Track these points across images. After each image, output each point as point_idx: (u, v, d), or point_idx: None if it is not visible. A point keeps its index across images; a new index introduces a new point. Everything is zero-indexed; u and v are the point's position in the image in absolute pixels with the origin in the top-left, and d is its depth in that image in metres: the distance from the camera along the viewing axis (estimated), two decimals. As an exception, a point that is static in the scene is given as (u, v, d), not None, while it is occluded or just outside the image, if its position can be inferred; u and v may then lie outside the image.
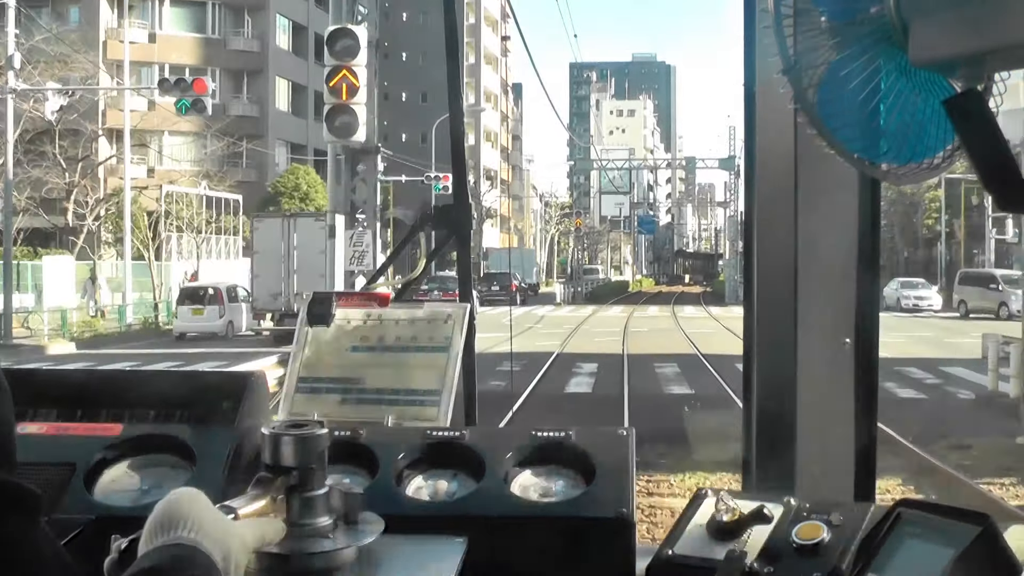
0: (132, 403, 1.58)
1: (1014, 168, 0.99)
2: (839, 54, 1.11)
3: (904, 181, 1.18)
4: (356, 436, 1.53)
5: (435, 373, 1.61)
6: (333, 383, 1.64)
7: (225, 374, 1.63)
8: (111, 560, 1.08)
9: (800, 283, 1.57)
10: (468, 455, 1.50)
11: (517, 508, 1.43)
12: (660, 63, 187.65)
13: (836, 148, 1.14)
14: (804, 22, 1.12)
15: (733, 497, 1.38)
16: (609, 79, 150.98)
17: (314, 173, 50.53)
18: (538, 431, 1.54)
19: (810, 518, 1.33)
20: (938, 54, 1.03)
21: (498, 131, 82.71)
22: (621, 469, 1.46)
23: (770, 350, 1.62)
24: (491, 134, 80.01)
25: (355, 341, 1.67)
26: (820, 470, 1.56)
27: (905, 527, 1.28)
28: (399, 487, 1.47)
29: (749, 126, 1.64)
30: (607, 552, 1.40)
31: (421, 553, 1.30)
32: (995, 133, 1.00)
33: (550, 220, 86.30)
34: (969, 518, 1.22)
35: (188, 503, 1.08)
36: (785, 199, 1.57)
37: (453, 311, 1.67)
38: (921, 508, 1.29)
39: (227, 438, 1.52)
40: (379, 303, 1.70)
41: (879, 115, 1.13)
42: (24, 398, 1.58)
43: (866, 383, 1.58)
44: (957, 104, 1.02)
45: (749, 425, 1.65)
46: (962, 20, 1.00)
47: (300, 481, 1.20)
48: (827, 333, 1.57)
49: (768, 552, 1.30)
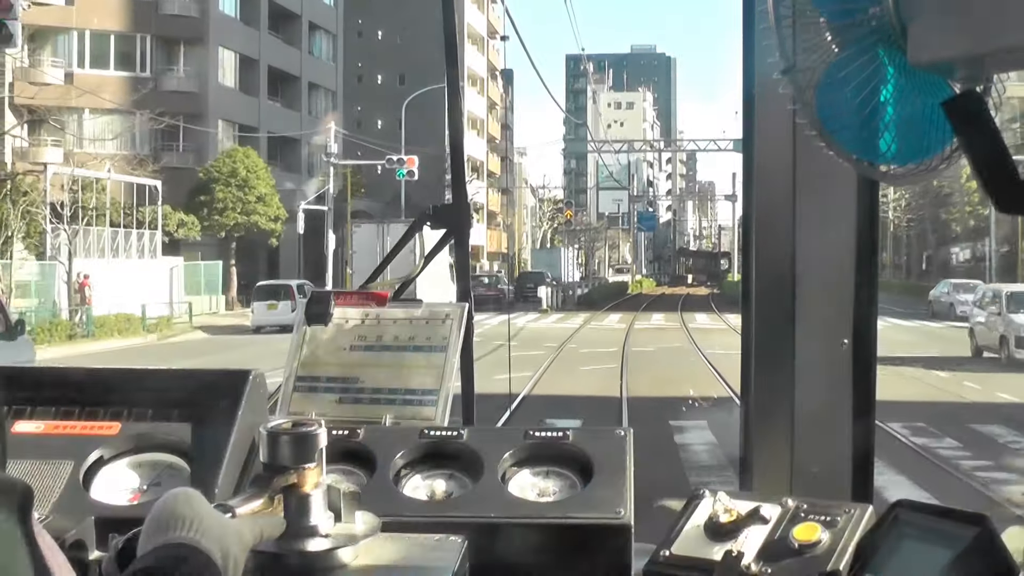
0: (130, 402, 1.57)
1: (1013, 170, 0.98)
2: (838, 55, 1.11)
3: (903, 182, 1.18)
4: (354, 435, 1.52)
5: (433, 373, 1.61)
6: (331, 382, 1.64)
7: (223, 372, 1.62)
8: (108, 559, 1.08)
9: (798, 284, 1.57)
10: (466, 455, 1.50)
11: (514, 508, 1.43)
12: (660, 55, 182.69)
13: (835, 149, 1.14)
14: (803, 23, 1.12)
15: (730, 498, 1.38)
16: (607, 70, 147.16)
17: (255, 156, 44.13)
18: (536, 431, 1.54)
19: (807, 519, 1.33)
20: (937, 55, 1.03)
21: (484, 118, 74.60)
22: (619, 469, 1.46)
23: (768, 350, 1.62)
24: (477, 121, 71.97)
25: (353, 340, 1.67)
26: (818, 471, 1.56)
27: (903, 528, 1.28)
28: (397, 487, 1.47)
29: (748, 127, 1.64)
30: (604, 552, 1.40)
31: (418, 553, 1.30)
32: (994, 134, 1.00)
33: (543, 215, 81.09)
34: (967, 519, 1.22)
35: (186, 502, 1.08)
36: (784, 199, 1.57)
37: (451, 311, 1.67)
38: (919, 509, 1.29)
39: (225, 437, 1.52)
40: (377, 303, 1.70)
41: (878, 116, 1.13)
42: (22, 396, 1.58)
43: (864, 384, 1.58)
44: (956, 105, 1.01)
45: (747, 425, 1.65)
46: (961, 21, 1.00)
47: (298, 480, 1.20)
48: (825, 334, 1.57)
49: (765, 553, 1.30)
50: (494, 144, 79.04)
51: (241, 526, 1.12)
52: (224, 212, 42.51)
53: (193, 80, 46.61)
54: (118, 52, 45.00)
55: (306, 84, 55.10)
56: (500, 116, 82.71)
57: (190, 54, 46.80)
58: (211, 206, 42.39)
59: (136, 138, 42.29)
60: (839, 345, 1.57)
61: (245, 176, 42.96)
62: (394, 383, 1.62)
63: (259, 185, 43.43)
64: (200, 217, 42.40)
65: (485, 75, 74.88)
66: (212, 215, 42.46)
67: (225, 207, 42.48)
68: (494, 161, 78.85)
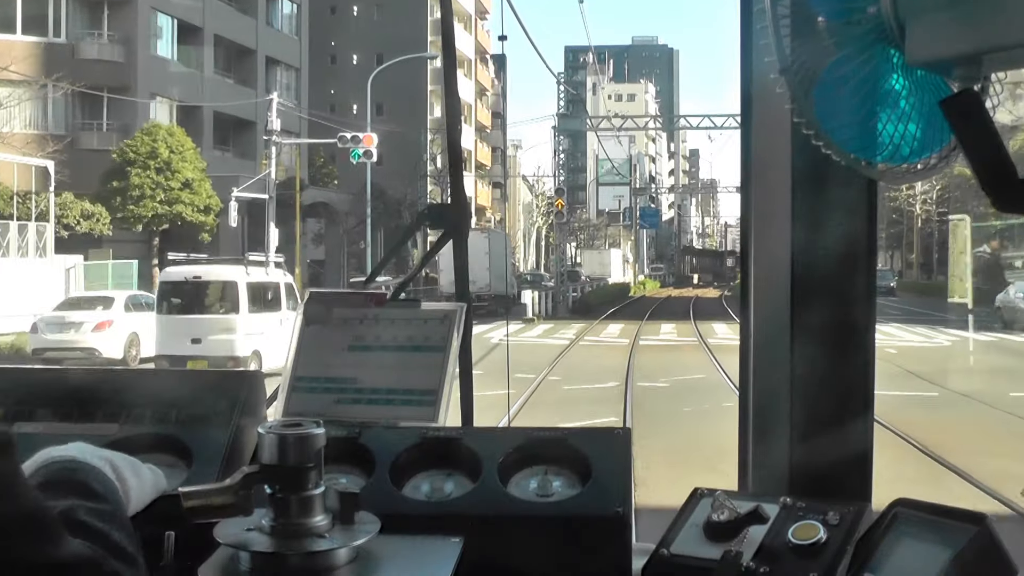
0: (128, 403, 1.58)
1: (1011, 169, 0.98)
2: (836, 54, 1.11)
3: (901, 181, 1.18)
4: (353, 436, 1.53)
5: (432, 373, 1.61)
6: (329, 382, 1.64)
7: (221, 373, 1.63)
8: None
9: (797, 282, 1.57)
10: (465, 455, 1.50)
11: (514, 507, 1.43)
12: (662, 46, 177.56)
13: (833, 148, 1.14)
14: (801, 22, 1.12)
15: (729, 497, 1.38)
16: (608, 61, 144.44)
17: (181, 134, 36.01)
18: (535, 431, 1.54)
19: (807, 518, 1.33)
20: (935, 54, 1.03)
21: (472, 103, 68.75)
22: (618, 468, 1.46)
23: (767, 347, 1.62)
24: (464, 107, 64.21)
25: (352, 340, 1.67)
26: (817, 470, 1.56)
27: (902, 527, 1.28)
28: (395, 487, 1.47)
29: (746, 126, 1.64)
30: (604, 551, 1.40)
31: (417, 553, 1.30)
32: (992, 133, 1.00)
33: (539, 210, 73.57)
34: (966, 518, 1.23)
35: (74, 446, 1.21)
36: (782, 199, 1.57)
37: (450, 311, 1.67)
38: (918, 508, 1.29)
39: (223, 437, 1.52)
40: (376, 302, 1.70)
41: (876, 115, 1.13)
42: (22, 398, 1.59)
43: (863, 382, 1.58)
44: (954, 104, 1.01)
45: (745, 424, 1.65)
46: (959, 20, 1.00)
47: (296, 481, 1.20)
48: (824, 332, 1.57)
49: (764, 552, 1.31)
50: (485, 133, 73.90)
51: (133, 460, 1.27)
52: (141, 201, 34.76)
53: (119, 47, 39.03)
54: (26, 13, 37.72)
55: (263, 58, 47.37)
56: (492, 104, 78.12)
57: (115, 17, 39.28)
58: (126, 194, 34.75)
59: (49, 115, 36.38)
60: (838, 344, 1.57)
61: (168, 158, 34.87)
62: (393, 383, 1.62)
63: (185, 169, 35.22)
64: (113, 207, 34.73)
65: (473, 56, 69.96)
66: (127, 205, 34.78)
67: (142, 195, 34.72)
68: (484, 152, 73.28)
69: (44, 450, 1.20)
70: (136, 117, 37.76)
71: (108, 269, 32.66)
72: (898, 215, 55.55)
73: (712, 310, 39.92)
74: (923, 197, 51.52)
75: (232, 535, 1.21)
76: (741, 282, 1.71)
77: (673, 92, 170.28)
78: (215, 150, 43.39)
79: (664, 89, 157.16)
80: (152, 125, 35.95)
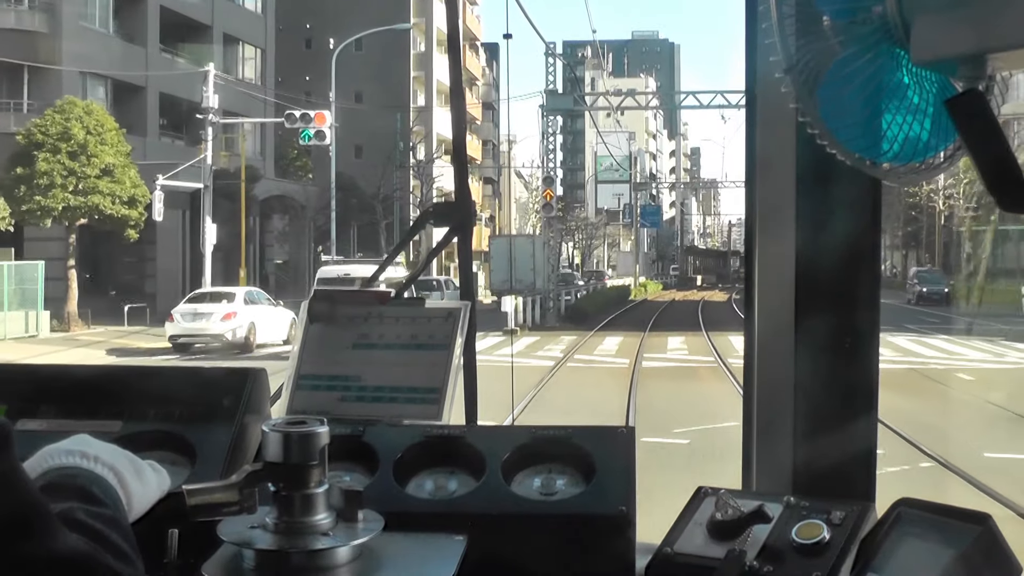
0: (132, 400, 1.58)
1: (1016, 168, 0.98)
2: (841, 53, 1.11)
3: (905, 181, 1.18)
4: (356, 434, 1.53)
5: (435, 371, 1.61)
6: (333, 380, 1.64)
7: (225, 370, 1.63)
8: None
9: (801, 283, 1.57)
10: (468, 453, 1.50)
11: (517, 506, 1.43)
12: (663, 41, 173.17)
13: (837, 148, 1.14)
14: (806, 21, 1.12)
15: (733, 496, 1.38)
16: (606, 55, 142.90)
17: (101, 112, 30.43)
18: (539, 429, 1.54)
19: (810, 517, 1.33)
20: (940, 53, 1.03)
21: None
22: (622, 467, 1.46)
23: (771, 347, 1.62)
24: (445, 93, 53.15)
25: (356, 338, 1.67)
26: (820, 469, 1.56)
27: (905, 527, 1.28)
28: (399, 485, 1.47)
29: (750, 126, 1.64)
30: (607, 550, 1.40)
31: (421, 551, 1.30)
32: (997, 133, 1.00)
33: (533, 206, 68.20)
34: (969, 518, 1.23)
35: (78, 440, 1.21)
36: (786, 199, 1.57)
37: (453, 309, 1.67)
38: (921, 508, 1.29)
39: (227, 436, 1.52)
40: (380, 300, 1.70)
41: (880, 115, 1.13)
42: (25, 394, 1.59)
43: (866, 382, 1.58)
44: (959, 103, 1.01)
45: (749, 423, 1.65)
46: (964, 19, 1.00)
47: (300, 478, 1.20)
48: (828, 332, 1.57)
49: (768, 551, 1.31)
50: (475, 126, 66.78)
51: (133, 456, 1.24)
52: (49, 191, 28.93)
53: (42, 17, 34.11)
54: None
55: (220, 35, 42.11)
56: (483, 94, 72.94)
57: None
58: (31, 182, 28.92)
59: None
60: (842, 344, 1.57)
61: (83, 140, 29.05)
62: (397, 381, 1.63)
63: (104, 153, 29.37)
64: (16, 199, 28.93)
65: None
66: (34, 196, 28.96)
67: (51, 184, 28.88)
68: (474, 145, 63.94)
69: (46, 448, 1.19)
70: (63, 96, 31.24)
71: (3, 272, 27.62)
72: (917, 211, 51.27)
73: (722, 316, 35.73)
74: (946, 192, 46.28)
75: (235, 533, 1.21)
76: (745, 280, 1.71)
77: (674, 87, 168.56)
78: (163, 136, 39.43)
79: (665, 84, 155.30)
80: (66, 102, 29.95)
